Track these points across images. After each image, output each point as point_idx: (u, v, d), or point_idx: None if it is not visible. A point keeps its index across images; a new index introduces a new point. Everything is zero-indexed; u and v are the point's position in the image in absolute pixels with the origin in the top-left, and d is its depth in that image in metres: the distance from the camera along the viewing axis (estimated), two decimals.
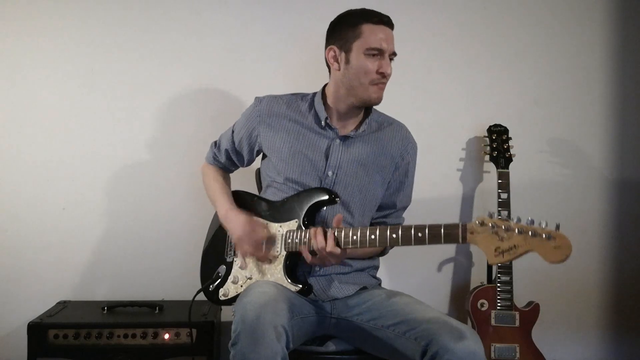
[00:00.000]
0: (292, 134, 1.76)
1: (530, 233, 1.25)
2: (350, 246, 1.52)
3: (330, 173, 1.73)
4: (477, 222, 1.32)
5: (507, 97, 2.42)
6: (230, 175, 2.01)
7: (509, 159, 2.24)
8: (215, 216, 1.91)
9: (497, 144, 2.26)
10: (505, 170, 2.22)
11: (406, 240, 1.46)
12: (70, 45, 2.28)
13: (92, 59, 2.29)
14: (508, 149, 2.25)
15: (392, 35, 1.69)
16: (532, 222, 1.27)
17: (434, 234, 1.41)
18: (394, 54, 1.70)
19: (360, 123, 1.77)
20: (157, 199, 2.32)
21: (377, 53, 1.65)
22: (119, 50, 2.30)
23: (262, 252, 1.65)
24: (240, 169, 2.00)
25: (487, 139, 2.28)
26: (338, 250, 1.52)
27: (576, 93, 2.43)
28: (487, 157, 2.29)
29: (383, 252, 1.84)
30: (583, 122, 2.44)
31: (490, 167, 2.33)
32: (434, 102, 2.39)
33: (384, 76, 1.67)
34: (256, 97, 1.85)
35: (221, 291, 1.73)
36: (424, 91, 2.39)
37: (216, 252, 1.82)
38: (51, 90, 2.28)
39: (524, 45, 2.42)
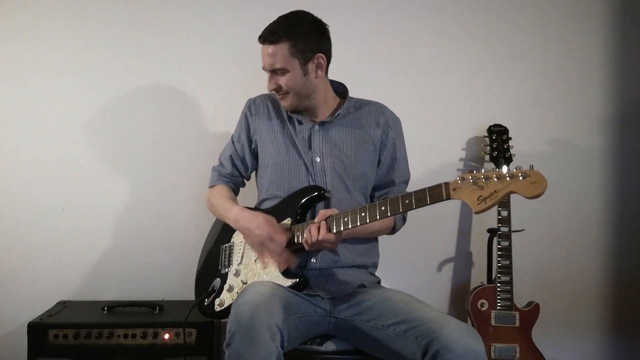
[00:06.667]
0: (278, 130, 1.83)
1: (507, 177, 1.34)
2: (342, 228, 1.56)
3: (317, 159, 1.77)
4: (458, 179, 1.40)
5: (507, 97, 2.42)
6: None
7: (509, 159, 2.24)
8: (209, 237, 1.93)
9: (497, 144, 2.25)
10: None
11: (394, 209, 1.50)
12: (70, 44, 2.28)
13: (92, 59, 2.29)
14: (508, 149, 2.25)
15: (269, 51, 1.70)
16: (508, 169, 1.37)
17: (420, 197, 1.46)
18: (276, 69, 1.71)
19: (337, 109, 1.82)
20: (158, 198, 2.32)
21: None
22: (119, 50, 2.30)
23: (281, 254, 1.64)
24: None
25: (487, 139, 2.28)
26: (331, 237, 1.56)
27: (576, 93, 2.43)
28: (487, 157, 2.29)
29: (393, 230, 1.86)
30: (583, 122, 2.44)
31: (491, 167, 2.33)
32: (434, 102, 2.39)
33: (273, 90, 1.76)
34: (249, 99, 1.92)
35: (217, 301, 1.73)
36: (424, 91, 2.39)
37: (210, 268, 1.83)
38: (51, 89, 2.28)
39: (524, 45, 2.41)
